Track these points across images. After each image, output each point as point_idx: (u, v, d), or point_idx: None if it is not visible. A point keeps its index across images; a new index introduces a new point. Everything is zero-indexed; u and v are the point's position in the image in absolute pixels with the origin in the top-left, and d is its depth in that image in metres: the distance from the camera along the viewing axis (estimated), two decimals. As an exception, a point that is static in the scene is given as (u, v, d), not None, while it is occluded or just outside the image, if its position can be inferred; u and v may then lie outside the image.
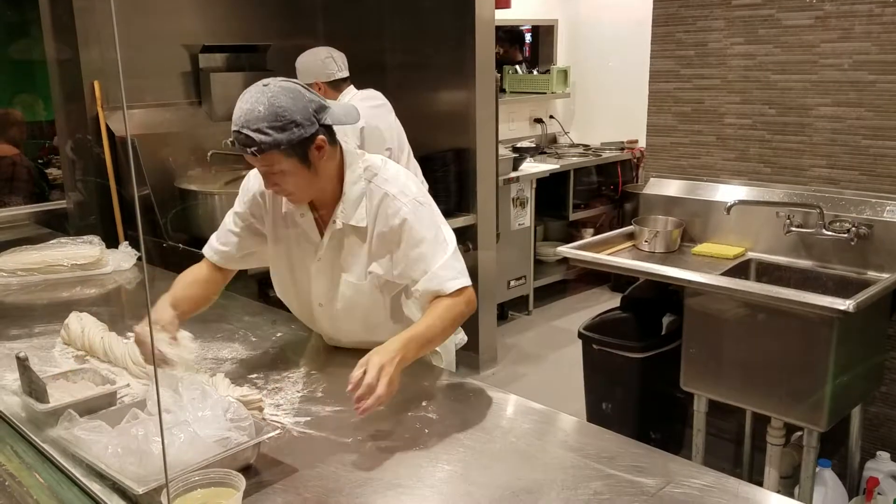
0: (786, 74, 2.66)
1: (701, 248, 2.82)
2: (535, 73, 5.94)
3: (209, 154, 3.62)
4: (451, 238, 1.77)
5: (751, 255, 2.74)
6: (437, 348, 1.88)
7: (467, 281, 1.74)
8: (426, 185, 2.95)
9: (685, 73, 2.93)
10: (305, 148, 1.60)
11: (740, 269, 2.66)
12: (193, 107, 3.83)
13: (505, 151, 4.75)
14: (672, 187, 2.97)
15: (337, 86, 3.23)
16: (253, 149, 1.56)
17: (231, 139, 1.61)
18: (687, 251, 2.83)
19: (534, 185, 4.93)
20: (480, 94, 3.87)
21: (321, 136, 1.61)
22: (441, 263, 1.70)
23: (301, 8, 4.24)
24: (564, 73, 5.81)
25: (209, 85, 3.77)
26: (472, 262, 4.04)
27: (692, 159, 2.96)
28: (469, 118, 3.90)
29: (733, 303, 2.41)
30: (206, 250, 1.93)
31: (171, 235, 3.38)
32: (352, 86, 3.29)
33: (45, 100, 4.51)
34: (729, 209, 2.61)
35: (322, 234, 1.78)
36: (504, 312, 4.94)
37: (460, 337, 2.13)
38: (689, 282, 2.45)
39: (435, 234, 1.73)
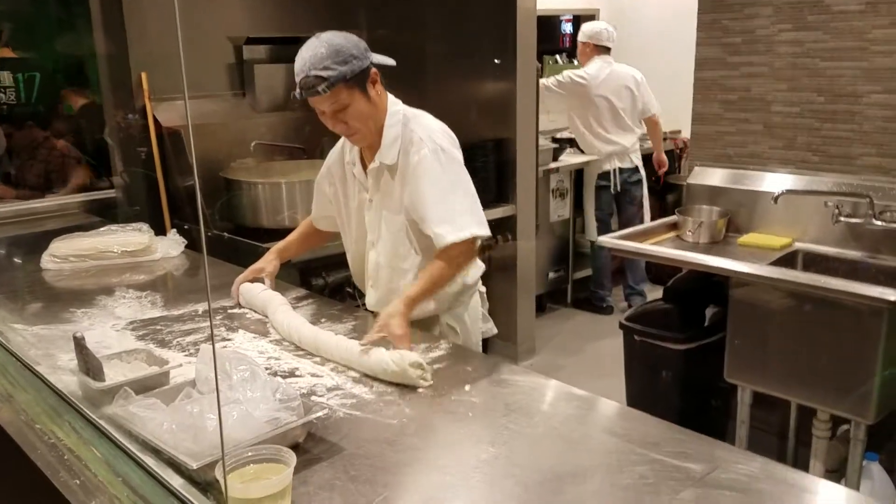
0: (835, 61, 2.60)
1: (746, 238, 2.78)
2: (575, 62, 5.88)
3: (252, 144, 3.69)
4: (469, 187, 1.89)
5: (798, 245, 2.70)
6: (454, 325, 2.07)
7: (476, 231, 1.84)
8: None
9: (732, 60, 2.88)
10: (364, 79, 1.80)
11: (787, 260, 2.62)
12: (237, 98, 3.89)
13: (545, 142, 4.72)
14: (717, 176, 2.93)
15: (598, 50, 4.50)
16: (323, 86, 1.74)
17: (297, 91, 1.78)
18: (732, 241, 2.79)
19: (573, 176, 4.89)
20: (521, 84, 3.86)
21: (374, 70, 1.82)
22: (448, 209, 1.83)
23: (343, -1, 4.27)
24: (606, 62, 5.73)
25: (253, 76, 3.82)
26: (511, 253, 4.05)
27: (738, 148, 2.91)
28: (509, 108, 3.90)
29: (780, 294, 2.38)
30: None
31: (217, 224, 3.44)
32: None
33: (94, 93, 4.60)
34: (777, 198, 2.56)
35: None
36: (542, 304, 4.92)
37: (489, 326, 2.19)
38: (736, 272, 2.43)
39: (450, 179, 1.86)
